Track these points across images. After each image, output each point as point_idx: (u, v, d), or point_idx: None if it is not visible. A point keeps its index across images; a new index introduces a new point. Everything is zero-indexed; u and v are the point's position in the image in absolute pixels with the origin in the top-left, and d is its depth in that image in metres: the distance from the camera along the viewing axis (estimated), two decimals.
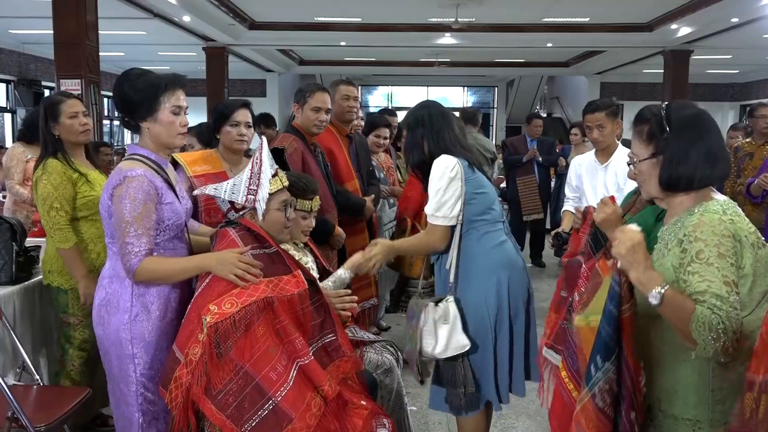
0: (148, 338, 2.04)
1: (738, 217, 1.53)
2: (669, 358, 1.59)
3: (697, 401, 1.55)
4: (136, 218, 1.95)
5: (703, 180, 1.57)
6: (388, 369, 2.44)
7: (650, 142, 1.62)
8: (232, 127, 2.65)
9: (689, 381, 1.56)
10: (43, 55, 12.47)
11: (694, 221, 1.53)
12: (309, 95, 3.16)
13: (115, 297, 2.05)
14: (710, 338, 1.38)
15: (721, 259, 1.45)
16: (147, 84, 2.04)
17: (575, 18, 10.58)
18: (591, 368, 1.56)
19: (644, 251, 1.47)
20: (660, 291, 1.42)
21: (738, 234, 1.49)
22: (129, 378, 2.04)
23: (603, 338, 1.54)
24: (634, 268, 1.46)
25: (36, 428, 2.21)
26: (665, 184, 1.60)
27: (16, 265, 2.88)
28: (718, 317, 1.38)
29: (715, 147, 1.58)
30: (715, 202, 1.56)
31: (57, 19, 6.37)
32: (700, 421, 1.55)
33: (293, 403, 1.86)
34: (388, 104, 20.56)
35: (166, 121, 2.05)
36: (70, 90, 6.29)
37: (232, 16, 10.16)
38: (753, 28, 9.94)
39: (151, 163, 2.06)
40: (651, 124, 1.62)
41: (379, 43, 12.34)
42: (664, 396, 1.61)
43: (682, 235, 1.53)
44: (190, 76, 10.85)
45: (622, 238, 1.48)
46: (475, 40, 11.81)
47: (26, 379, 2.73)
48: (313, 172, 3.04)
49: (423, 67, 16.66)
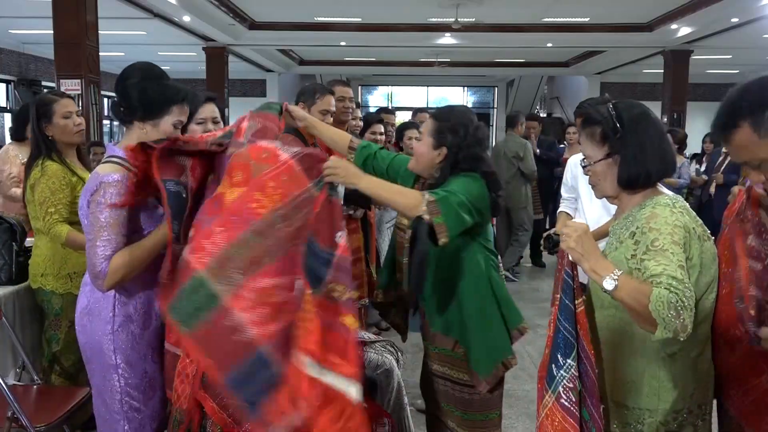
0: (132, 348, 1.97)
1: (686, 210, 1.60)
2: (621, 350, 1.64)
3: (648, 391, 1.61)
4: (111, 224, 1.86)
5: (658, 174, 1.64)
6: (388, 369, 2.44)
7: (604, 143, 1.67)
8: (198, 125, 2.44)
9: (640, 372, 1.61)
10: (43, 55, 12.47)
11: (646, 214, 1.58)
12: (319, 97, 3.12)
13: (96, 306, 1.97)
14: (670, 316, 1.40)
15: (675, 245, 1.50)
16: (169, 87, 1.98)
17: (575, 18, 10.57)
18: (552, 368, 1.57)
19: (592, 241, 1.53)
20: (615, 276, 1.46)
21: (687, 225, 1.56)
22: (113, 387, 1.98)
23: (562, 334, 1.56)
24: (586, 258, 1.50)
25: (36, 428, 2.22)
26: (625, 183, 1.65)
27: (16, 265, 2.87)
28: (676, 295, 1.41)
29: (664, 143, 1.66)
30: (664, 196, 1.64)
31: (57, 19, 6.36)
32: (650, 410, 1.61)
33: None
34: (388, 104, 20.56)
35: (166, 132, 1.98)
36: (70, 90, 6.29)
37: (232, 16, 10.16)
38: (753, 28, 9.93)
39: (130, 166, 1.96)
40: (603, 126, 1.66)
41: (379, 43, 12.33)
42: (616, 387, 1.66)
43: (635, 228, 1.59)
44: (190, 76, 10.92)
45: (568, 232, 1.53)
46: (475, 40, 11.80)
47: (26, 379, 2.72)
48: None
49: (423, 67, 16.65)
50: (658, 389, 1.61)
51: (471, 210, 2.00)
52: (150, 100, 1.96)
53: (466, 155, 2.11)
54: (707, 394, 1.69)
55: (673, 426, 1.62)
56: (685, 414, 1.63)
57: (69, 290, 2.71)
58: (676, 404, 1.61)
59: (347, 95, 3.56)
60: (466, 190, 2.00)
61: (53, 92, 2.90)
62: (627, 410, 1.64)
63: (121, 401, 1.99)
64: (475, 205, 2.02)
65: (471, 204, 1.99)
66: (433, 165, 2.15)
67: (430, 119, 2.20)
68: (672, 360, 1.60)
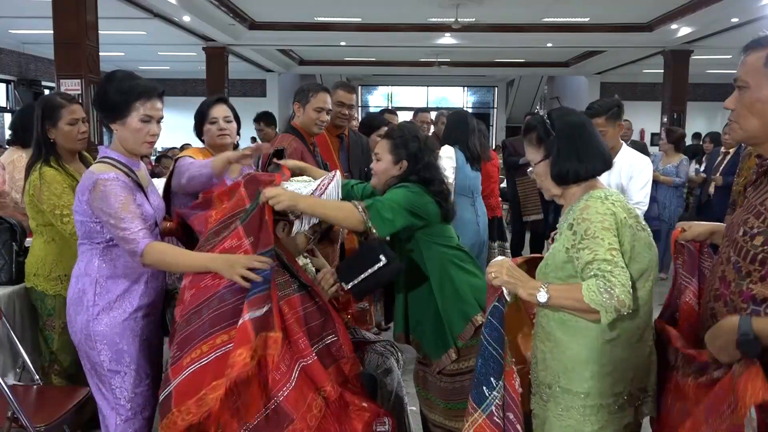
0: (111, 335, 2.11)
1: (619, 202, 1.74)
2: (565, 338, 1.77)
3: (589, 375, 1.74)
4: (123, 207, 2.02)
5: (588, 171, 1.79)
6: (388, 369, 2.44)
7: (540, 146, 1.85)
8: (212, 125, 2.71)
9: (581, 358, 1.75)
10: (43, 55, 12.48)
11: (581, 206, 1.74)
12: (312, 95, 3.14)
13: (79, 295, 2.13)
14: (605, 299, 1.57)
15: (605, 231, 1.66)
16: (124, 87, 2.09)
17: (575, 18, 10.57)
18: (484, 390, 1.73)
19: (517, 269, 1.74)
20: (545, 289, 1.67)
21: (618, 215, 1.69)
22: (101, 375, 2.13)
23: (494, 358, 1.73)
24: (519, 286, 1.71)
25: (36, 428, 2.22)
26: (557, 178, 1.81)
27: (16, 265, 2.87)
28: (603, 278, 1.59)
29: (594, 143, 1.81)
30: (599, 190, 1.78)
31: (57, 19, 6.36)
32: (590, 394, 1.74)
33: (294, 404, 1.86)
34: (388, 104, 20.55)
35: (134, 128, 2.11)
36: (70, 90, 6.29)
37: (232, 16, 10.16)
38: (753, 28, 9.92)
39: (121, 167, 2.13)
40: (538, 131, 1.85)
41: (379, 43, 12.34)
42: (562, 373, 1.79)
43: (572, 219, 1.73)
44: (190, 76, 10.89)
45: (496, 271, 1.73)
46: (475, 40, 11.81)
47: (26, 379, 2.72)
48: None
49: (423, 67, 16.65)
50: (597, 373, 1.73)
51: (404, 212, 2.15)
52: (110, 103, 2.11)
53: (425, 164, 2.29)
54: (648, 378, 1.80)
55: (614, 408, 1.74)
56: (625, 396, 1.75)
57: (59, 292, 2.69)
58: (615, 387, 1.73)
59: (347, 101, 3.50)
60: (401, 196, 2.18)
61: (62, 95, 2.82)
62: (570, 394, 1.76)
63: (109, 388, 2.12)
64: (412, 209, 2.17)
65: (404, 207, 2.15)
66: (393, 179, 2.32)
67: (383, 140, 2.38)
68: (611, 345, 1.73)
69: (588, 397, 1.74)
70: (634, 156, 3.38)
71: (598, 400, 1.73)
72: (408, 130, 2.37)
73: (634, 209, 1.78)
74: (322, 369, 1.96)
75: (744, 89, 1.49)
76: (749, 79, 1.47)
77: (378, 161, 2.35)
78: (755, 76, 1.46)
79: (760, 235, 1.44)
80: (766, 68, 1.44)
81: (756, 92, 1.46)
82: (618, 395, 1.74)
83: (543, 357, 1.84)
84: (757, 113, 1.47)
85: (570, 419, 1.76)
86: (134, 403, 2.14)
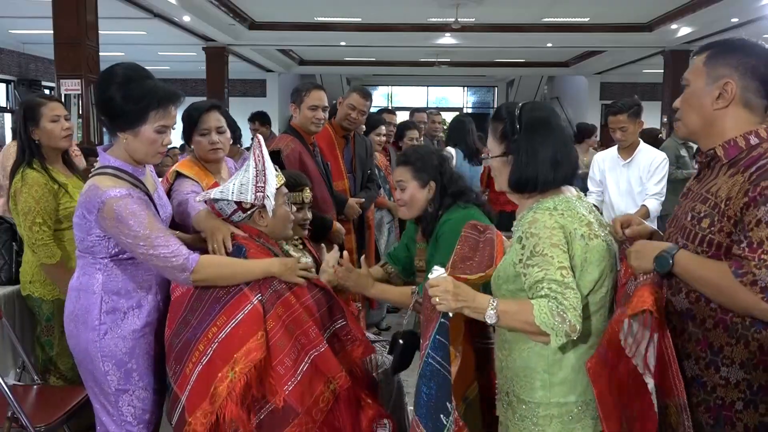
0: (120, 355, 1.94)
1: (569, 212, 1.65)
2: (517, 346, 1.71)
3: (539, 385, 1.68)
4: (149, 226, 1.82)
5: (545, 184, 1.68)
6: (388, 369, 2.43)
7: (502, 141, 1.73)
8: (203, 137, 2.39)
9: (533, 367, 1.69)
10: (43, 55, 12.48)
11: (529, 218, 1.65)
12: (305, 94, 3.14)
13: (83, 313, 1.94)
14: (556, 323, 1.49)
15: (554, 248, 1.57)
16: (139, 94, 1.84)
17: (575, 18, 10.57)
18: (441, 418, 1.57)
19: (461, 286, 1.60)
20: (493, 306, 1.56)
21: (567, 227, 1.61)
22: (105, 392, 1.97)
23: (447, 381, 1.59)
24: (466, 305, 1.58)
25: (36, 428, 2.21)
26: (513, 186, 1.71)
27: (16, 265, 2.87)
28: (555, 300, 1.50)
29: (560, 151, 1.68)
30: (549, 200, 1.67)
31: (57, 19, 6.36)
32: (542, 403, 1.67)
33: (300, 398, 1.86)
34: (388, 104, 20.54)
35: (148, 139, 1.89)
36: (70, 90, 6.29)
37: (232, 16, 10.16)
38: (753, 28, 9.92)
39: (128, 177, 1.91)
40: (505, 124, 1.72)
41: (379, 43, 12.34)
42: (515, 381, 1.73)
43: (521, 232, 1.65)
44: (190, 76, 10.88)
45: (439, 293, 1.57)
46: (475, 40, 11.81)
47: (26, 379, 2.72)
48: (310, 172, 3.02)
49: (423, 67, 16.66)
50: (549, 382, 1.67)
51: None
52: (117, 108, 1.85)
53: (450, 177, 2.26)
54: None
55: (567, 419, 1.66)
56: (579, 406, 1.67)
57: (57, 296, 2.66)
58: (567, 396, 1.67)
59: (359, 107, 3.46)
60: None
61: (41, 95, 2.85)
62: (524, 404, 1.71)
63: (115, 404, 1.98)
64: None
65: None
66: (426, 203, 2.27)
67: (401, 168, 2.29)
68: (560, 355, 1.67)
69: (539, 407, 1.68)
70: (652, 152, 3.78)
71: (550, 411, 1.67)
72: (423, 150, 2.33)
73: (588, 216, 1.68)
74: (333, 358, 1.95)
75: (686, 87, 1.59)
76: (690, 77, 1.57)
77: (403, 190, 2.26)
78: (695, 73, 1.55)
79: (706, 217, 1.49)
80: (704, 66, 1.53)
81: (693, 87, 1.56)
82: (571, 405, 1.67)
83: (500, 365, 1.79)
84: (694, 107, 1.56)
85: (525, 429, 1.71)
86: (141, 419, 2.01)
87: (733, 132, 1.51)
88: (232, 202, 2.01)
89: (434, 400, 1.57)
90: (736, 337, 1.45)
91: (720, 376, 1.48)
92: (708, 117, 1.54)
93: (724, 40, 1.57)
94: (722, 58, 1.51)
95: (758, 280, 1.35)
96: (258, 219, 2.07)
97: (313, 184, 2.85)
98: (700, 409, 1.51)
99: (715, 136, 1.54)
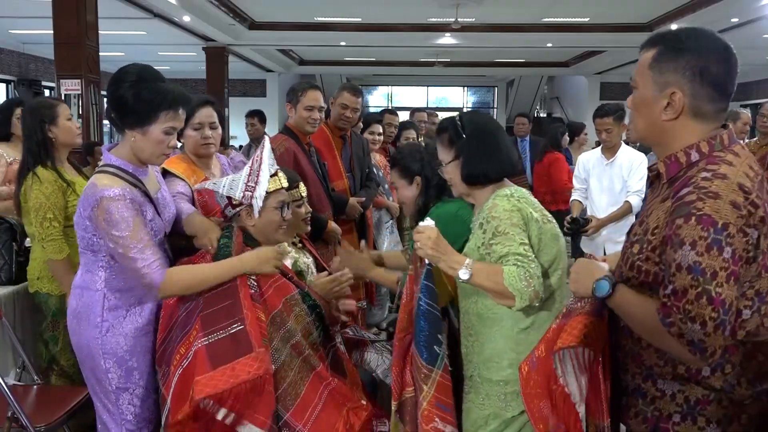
0: (121, 353, 1.95)
1: (524, 199, 1.82)
2: (484, 330, 1.85)
3: (507, 364, 1.81)
4: (131, 235, 1.84)
5: (497, 173, 1.87)
6: (388, 369, 2.43)
7: (451, 147, 1.90)
8: (195, 131, 2.38)
9: (499, 348, 1.82)
10: (43, 55, 12.48)
11: (489, 205, 1.81)
12: (301, 94, 3.12)
13: (85, 310, 1.96)
14: (523, 286, 1.65)
15: (514, 227, 1.74)
16: (150, 94, 1.88)
17: (575, 18, 10.58)
18: (435, 349, 1.77)
19: (443, 241, 1.75)
20: (468, 265, 1.70)
21: (524, 210, 1.78)
22: (105, 390, 1.98)
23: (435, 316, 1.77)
24: (443, 259, 1.73)
25: (36, 428, 2.22)
26: (466, 180, 1.87)
27: (16, 265, 2.87)
28: (523, 267, 1.67)
29: (503, 146, 1.89)
30: (506, 188, 1.86)
31: (57, 19, 6.36)
32: (509, 381, 1.80)
33: None
34: (388, 104, 20.56)
35: (156, 139, 1.91)
36: (70, 90, 6.30)
37: (232, 16, 10.16)
38: (753, 28, 9.93)
39: (127, 176, 1.92)
40: (449, 132, 1.91)
41: (379, 43, 12.34)
42: (482, 364, 1.86)
43: (482, 219, 1.80)
44: (190, 76, 10.87)
45: (422, 239, 1.73)
46: (475, 40, 11.81)
47: (26, 379, 2.72)
48: (306, 172, 3.01)
49: (423, 67, 16.66)
50: (515, 361, 1.75)
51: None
52: (133, 108, 1.88)
53: (433, 171, 2.27)
54: None
55: None
56: None
57: (64, 291, 2.68)
58: None
59: (351, 105, 3.45)
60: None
61: (49, 98, 2.93)
62: (491, 383, 1.83)
63: (115, 402, 1.99)
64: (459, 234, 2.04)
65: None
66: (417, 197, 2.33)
67: (392, 170, 2.37)
68: (526, 333, 1.80)
69: (508, 385, 1.80)
70: (632, 153, 4.02)
71: (516, 388, 1.71)
72: (408, 149, 2.39)
73: (539, 204, 1.87)
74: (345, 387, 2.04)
75: (635, 90, 1.47)
76: (638, 80, 1.45)
77: (397, 190, 2.38)
78: (642, 77, 1.43)
79: (637, 242, 1.42)
80: (649, 70, 1.40)
81: (641, 92, 1.44)
82: None
83: (466, 352, 1.91)
84: (642, 114, 1.45)
85: (491, 407, 1.83)
86: (141, 418, 2.02)
87: (681, 144, 1.40)
88: (224, 196, 2.11)
89: (430, 333, 1.77)
90: (664, 360, 1.42)
91: (657, 388, 1.44)
92: (658, 126, 1.42)
93: (673, 33, 1.41)
94: (670, 62, 1.37)
95: (684, 334, 1.25)
96: (245, 217, 2.12)
97: (309, 183, 2.84)
98: (638, 419, 1.48)
99: (665, 145, 1.44)
